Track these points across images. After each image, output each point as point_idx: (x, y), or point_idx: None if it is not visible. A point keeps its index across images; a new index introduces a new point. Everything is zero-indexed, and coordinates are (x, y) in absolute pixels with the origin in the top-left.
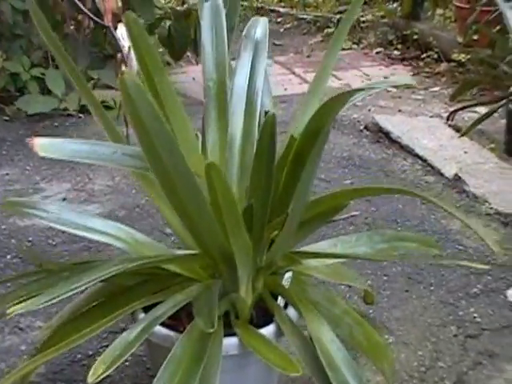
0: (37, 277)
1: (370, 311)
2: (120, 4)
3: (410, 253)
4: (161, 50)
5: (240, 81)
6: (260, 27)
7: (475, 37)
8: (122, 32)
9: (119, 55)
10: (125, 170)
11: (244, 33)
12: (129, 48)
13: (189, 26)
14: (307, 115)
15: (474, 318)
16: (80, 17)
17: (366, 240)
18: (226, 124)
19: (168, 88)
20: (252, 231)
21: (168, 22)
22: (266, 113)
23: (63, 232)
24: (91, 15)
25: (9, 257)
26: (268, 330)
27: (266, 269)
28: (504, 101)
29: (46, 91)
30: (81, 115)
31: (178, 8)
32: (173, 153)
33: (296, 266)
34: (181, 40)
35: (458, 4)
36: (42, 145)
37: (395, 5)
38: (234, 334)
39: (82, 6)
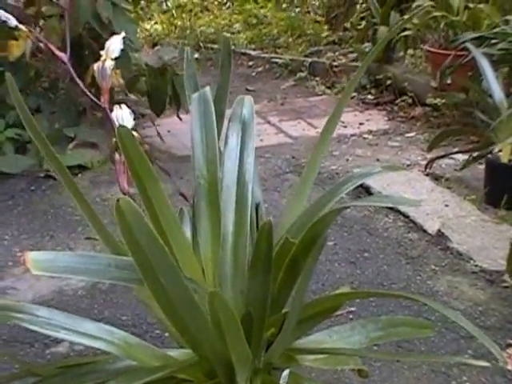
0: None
1: None
2: (122, 82)
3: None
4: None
5: (229, 173)
6: (246, 107)
7: (449, 81)
8: (117, 114)
9: (114, 140)
10: None
11: (230, 114)
12: None
13: (165, 82)
14: (299, 205)
15: None
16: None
17: (360, 329)
18: (218, 222)
19: (160, 196)
20: (250, 337)
21: (144, 78)
22: (258, 205)
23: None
24: (88, 93)
25: None
26: None
27: (264, 369)
28: (482, 151)
29: (21, 151)
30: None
31: (154, 64)
32: (171, 276)
33: (293, 364)
34: (159, 95)
35: (430, 49)
36: (35, 261)
37: (365, 46)
38: None
39: (81, 84)
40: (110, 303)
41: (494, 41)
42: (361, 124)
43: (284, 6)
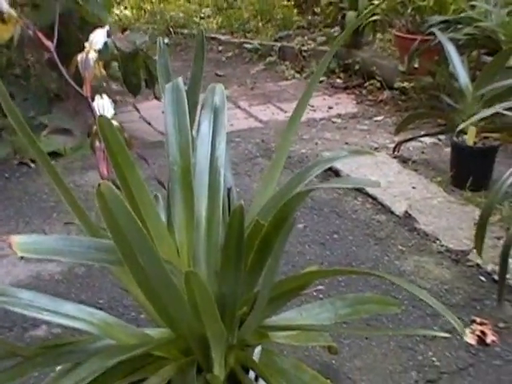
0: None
1: (333, 361)
2: (104, 73)
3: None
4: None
5: (202, 158)
6: (217, 95)
7: (416, 65)
8: (98, 103)
9: (95, 128)
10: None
11: (202, 102)
12: None
13: (138, 66)
14: (270, 188)
15: (433, 361)
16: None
17: (328, 307)
18: (191, 206)
19: (138, 181)
20: (224, 315)
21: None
22: (229, 189)
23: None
24: (72, 82)
25: None
26: None
27: (238, 346)
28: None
29: None
30: (32, 165)
31: (125, 49)
32: (150, 257)
33: (265, 340)
34: (132, 79)
35: (398, 34)
36: (20, 244)
37: (334, 30)
38: None
39: (65, 74)
40: (87, 287)
41: (459, 26)
42: (330, 108)
43: None
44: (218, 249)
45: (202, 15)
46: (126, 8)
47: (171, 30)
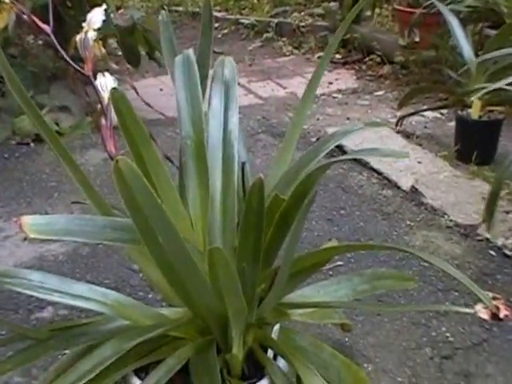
0: (24, 345)
1: (346, 339)
2: (104, 51)
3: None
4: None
5: (215, 132)
6: (227, 68)
7: (417, 39)
8: (101, 82)
9: (99, 106)
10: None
11: (212, 75)
12: (108, 99)
13: (136, 40)
14: (284, 163)
15: (447, 337)
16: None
17: (346, 283)
18: (206, 181)
19: (154, 157)
20: (244, 293)
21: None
22: (243, 164)
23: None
24: (72, 63)
25: None
26: None
27: (256, 324)
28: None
29: None
30: (31, 144)
31: (123, 25)
32: (169, 234)
33: (284, 318)
34: (131, 54)
35: (398, 7)
36: (32, 225)
37: (332, 4)
38: None
39: (64, 55)
40: (92, 267)
41: None
42: (330, 83)
43: None
44: (234, 224)
45: None
46: None
47: (165, 7)
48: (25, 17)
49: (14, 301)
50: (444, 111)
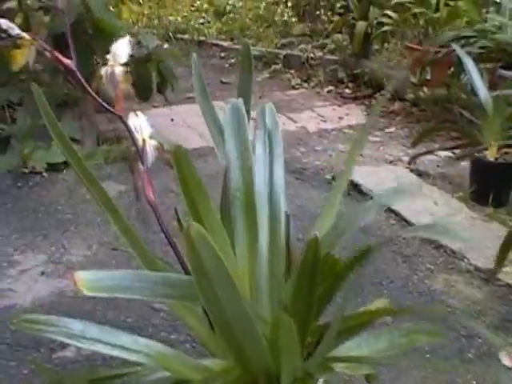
0: None
1: None
2: (132, 89)
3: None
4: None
5: (260, 181)
6: (268, 116)
7: (428, 77)
8: (134, 123)
9: (134, 149)
10: (104, 239)
11: (255, 124)
12: (143, 141)
13: (150, 70)
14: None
15: None
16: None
17: (386, 336)
18: (255, 234)
19: (211, 213)
20: None
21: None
22: (288, 216)
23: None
24: (101, 101)
25: None
26: None
27: (303, 379)
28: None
29: (2, 145)
30: (44, 174)
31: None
32: (234, 301)
33: (329, 372)
34: (144, 84)
35: (410, 45)
36: (86, 281)
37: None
38: None
39: (89, 89)
40: (113, 305)
41: (473, 39)
42: (340, 118)
43: None
44: (281, 278)
45: (202, 21)
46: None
47: (171, 35)
48: (47, 54)
49: (35, 338)
50: (456, 150)
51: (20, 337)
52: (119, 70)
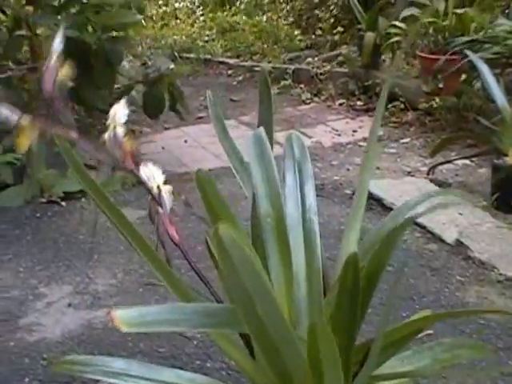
0: None
1: None
2: (136, 145)
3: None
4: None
5: (292, 209)
6: (296, 145)
7: (440, 85)
8: (145, 173)
9: (150, 197)
10: (130, 267)
11: (283, 154)
12: (158, 187)
13: (162, 90)
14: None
15: None
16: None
17: (428, 353)
18: (288, 257)
19: (240, 234)
20: None
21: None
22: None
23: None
24: (114, 159)
25: (27, 380)
26: None
27: None
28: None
29: (18, 175)
30: (63, 203)
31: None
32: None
33: None
34: (155, 104)
35: (420, 54)
36: (124, 319)
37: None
38: None
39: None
40: (144, 335)
41: (486, 45)
42: (354, 131)
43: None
44: (320, 302)
45: (206, 38)
46: None
47: (176, 54)
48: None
49: (68, 373)
50: (474, 158)
51: (53, 372)
52: (121, 131)
